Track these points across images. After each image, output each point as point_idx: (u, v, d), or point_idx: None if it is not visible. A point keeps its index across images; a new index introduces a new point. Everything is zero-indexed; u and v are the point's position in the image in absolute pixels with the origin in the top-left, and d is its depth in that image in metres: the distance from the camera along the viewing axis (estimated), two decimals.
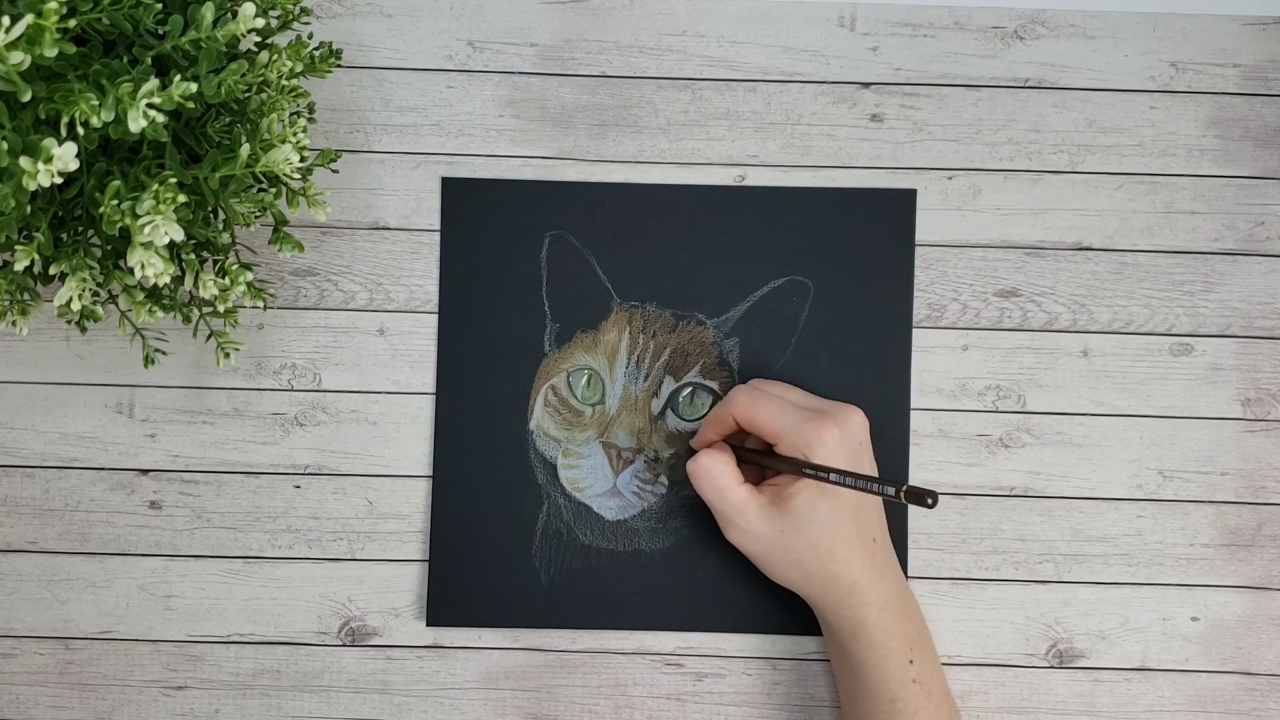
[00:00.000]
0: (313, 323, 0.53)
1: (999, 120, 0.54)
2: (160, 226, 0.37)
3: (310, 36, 0.45)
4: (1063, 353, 0.53)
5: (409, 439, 0.53)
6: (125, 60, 0.38)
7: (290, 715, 0.52)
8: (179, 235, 0.37)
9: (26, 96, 0.34)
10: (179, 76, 0.37)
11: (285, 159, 0.40)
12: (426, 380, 0.53)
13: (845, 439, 0.46)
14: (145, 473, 0.53)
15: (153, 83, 0.36)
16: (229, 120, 0.42)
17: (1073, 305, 0.53)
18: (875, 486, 0.42)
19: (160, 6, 0.38)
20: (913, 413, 0.53)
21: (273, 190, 0.44)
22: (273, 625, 0.52)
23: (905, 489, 0.40)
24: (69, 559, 0.52)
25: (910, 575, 0.53)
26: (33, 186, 0.34)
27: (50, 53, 0.34)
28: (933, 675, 0.48)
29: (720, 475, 0.47)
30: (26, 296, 0.44)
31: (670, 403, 0.53)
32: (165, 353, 0.51)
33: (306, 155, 0.43)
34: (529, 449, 0.53)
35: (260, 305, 0.47)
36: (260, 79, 0.42)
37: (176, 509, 0.53)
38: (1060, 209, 0.54)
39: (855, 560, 0.47)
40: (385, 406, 0.53)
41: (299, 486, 0.53)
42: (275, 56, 0.42)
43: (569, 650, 0.53)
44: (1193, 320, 0.54)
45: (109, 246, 0.43)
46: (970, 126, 0.54)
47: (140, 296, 0.44)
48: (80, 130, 0.36)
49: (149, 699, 0.52)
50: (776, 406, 0.47)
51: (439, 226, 0.53)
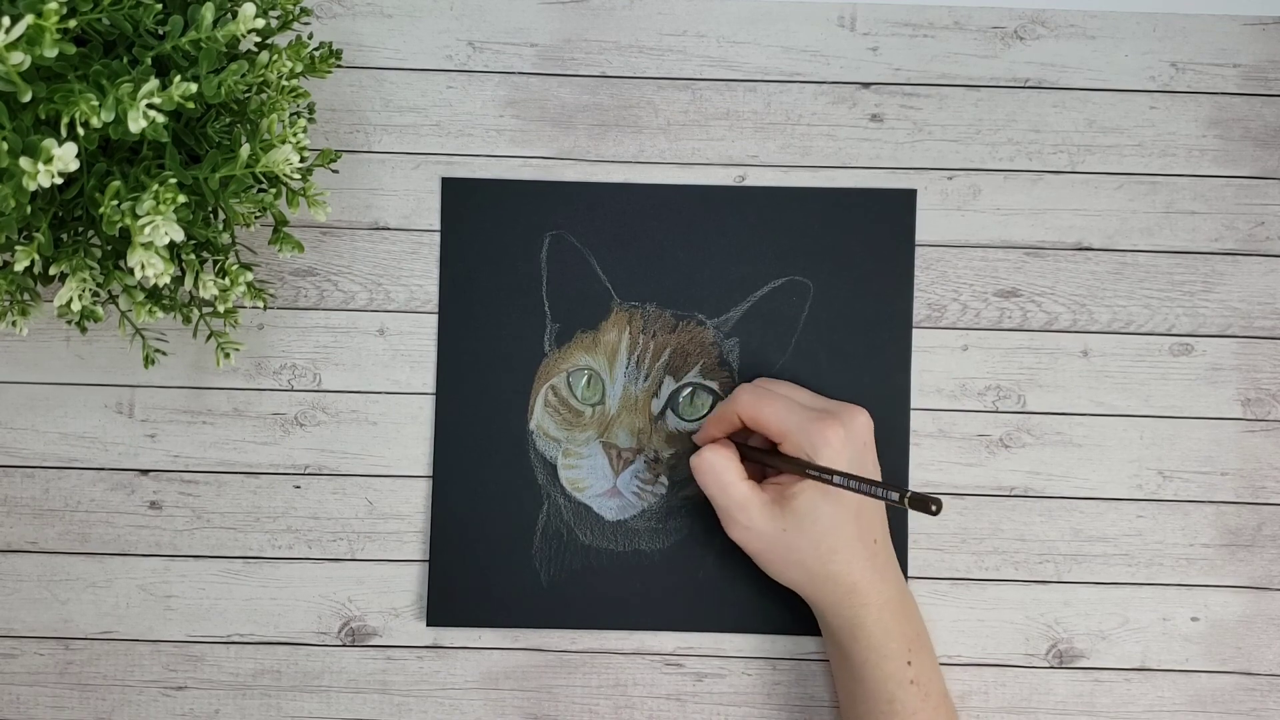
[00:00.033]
0: (313, 323, 0.53)
1: (999, 120, 0.54)
2: (160, 227, 0.37)
3: (310, 36, 0.45)
4: (1063, 353, 0.53)
5: (409, 439, 0.53)
6: (125, 60, 0.38)
7: (290, 715, 0.52)
8: (179, 235, 0.37)
9: (26, 97, 0.34)
10: (179, 77, 0.37)
11: (285, 159, 0.40)
12: (426, 380, 0.53)
13: (850, 440, 0.46)
14: (145, 473, 0.53)
15: (153, 83, 0.36)
16: (229, 120, 0.42)
17: (1073, 305, 0.53)
18: (879, 491, 0.42)
19: (160, 6, 0.38)
20: (913, 413, 0.53)
21: (273, 190, 0.44)
22: (273, 625, 0.52)
23: (909, 495, 0.39)
24: (69, 559, 0.52)
25: (910, 575, 0.53)
26: (33, 187, 0.34)
27: (50, 53, 0.34)
28: (931, 676, 0.48)
29: (724, 470, 0.47)
30: (26, 296, 0.44)
31: (670, 403, 0.53)
32: (165, 353, 0.51)
33: (306, 155, 0.43)
34: (529, 449, 0.53)
35: (260, 305, 0.47)
36: (260, 79, 0.42)
37: (176, 509, 0.53)
38: (1060, 209, 0.54)
39: (856, 561, 0.47)
40: (385, 406, 0.53)
41: (299, 486, 0.53)
42: (275, 57, 0.42)
43: (569, 650, 0.53)
44: (1193, 320, 0.54)
45: (109, 246, 0.43)
46: (970, 126, 0.54)
47: (140, 297, 0.44)
48: (80, 130, 0.36)
49: (149, 699, 0.52)
50: (782, 405, 0.47)
51: (439, 226, 0.53)
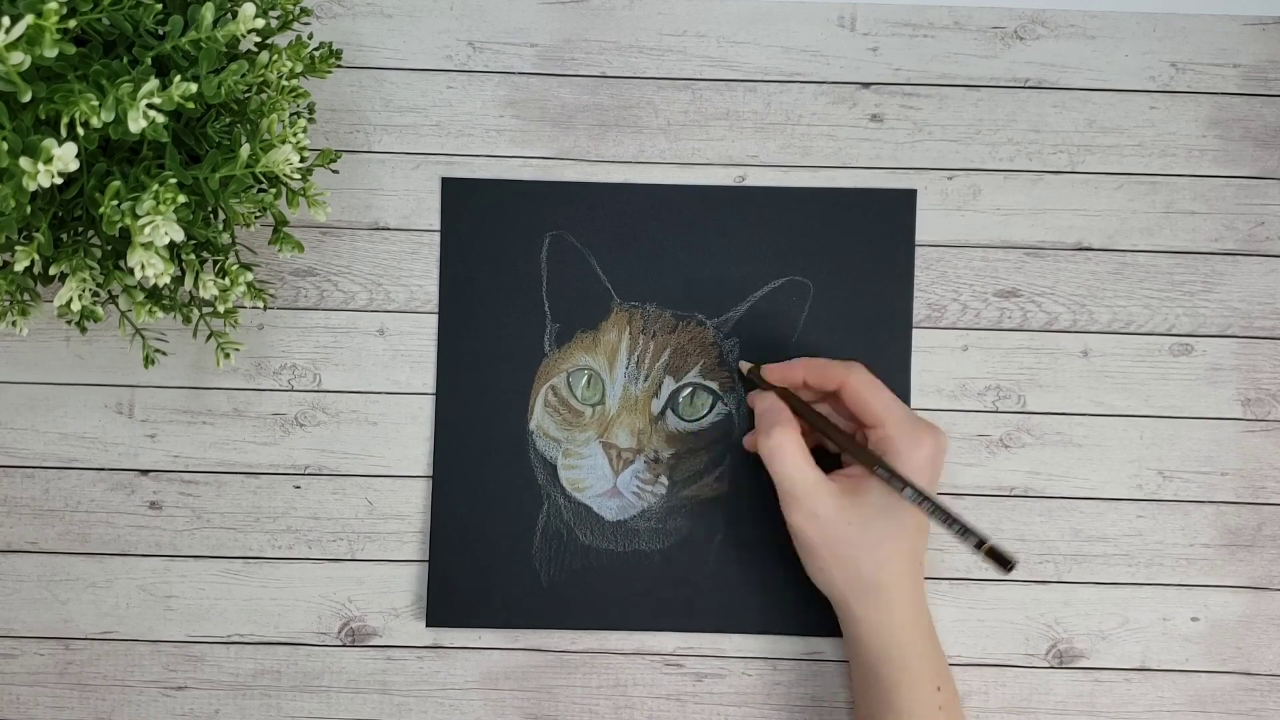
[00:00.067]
0: (313, 323, 0.53)
1: (999, 120, 0.54)
2: (160, 227, 0.37)
3: (310, 37, 0.45)
4: (1063, 353, 0.53)
5: (409, 439, 0.53)
6: (125, 60, 0.38)
7: (290, 715, 0.52)
8: (179, 235, 0.37)
9: (26, 97, 0.34)
10: (179, 77, 0.37)
11: (285, 159, 0.40)
12: (426, 380, 0.53)
13: (935, 457, 0.46)
14: (145, 473, 0.53)
15: (153, 83, 0.36)
16: (229, 120, 0.42)
17: (1073, 305, 0.53)
18: (957, 527, 0.40)
19: (160, 6, 0.38)
20: None
21: (273, 190, 0.44)
22: (273, 625, 0.52)
23: (987, 547, 0.38)
24: (69, 559, 0.52)
25: None
26: (33, 187, 0.34)
27: (50, 53, 0.34)
28: (955, 706, 0.47)
29: (796, 453, 0.46)
30: (26, 296, 0.44)
31: (670, 403, 0.53)
32: (165, 353, 0.51)
33: (306, 155, 0.43)
34: (529, 449, 0.53)
35: (260, 305, 0.47)
36: (260, 79, 0.42)
37: (176, 509, 0.52)
38: (1060, 209, 0.54)
39: (905, 577, 0.46)
40: (385, 407, 0.53)
41: (299, 487, 0.53)
42: (275, 57, 0.42)
43: (569, 650, 0.53)
44: (1193, 320, 0.54)
45: (109, 246, 0.43)
46: (970, 126, 0.54)
47: (140, 297, 0.44)
48: (80, 130, 0.36)
49: (149, 699, 0.52)
50: (889, 395, 0.47)
51: (439, 227, 0.53)
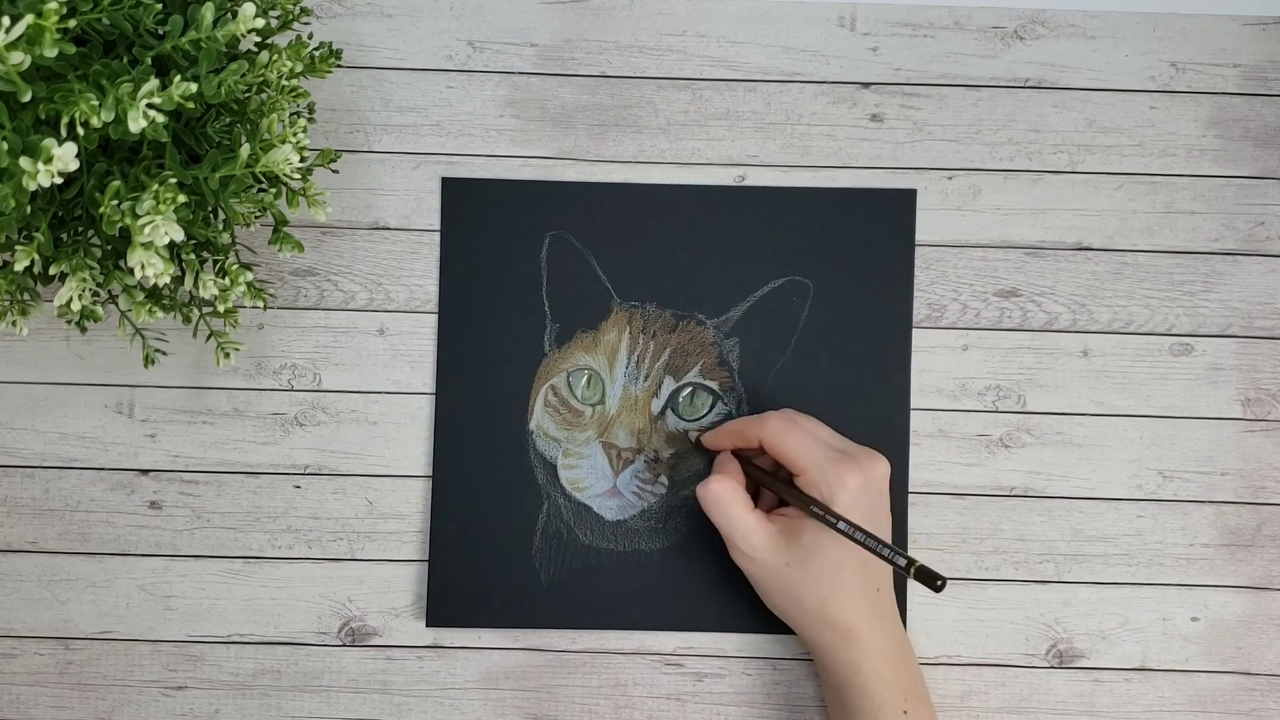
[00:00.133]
0: (313, 323, 0.53)
1: (999, 120, 0.54)
2: (160, 226, 0.37)
3: (310, 36, 0.45)
4: (1063, 353, 0.53)
5: (409, 439, 0.53)
6: (125, 60, 0.38)
7: (290, 715, 0.52)
8: (179, 235, 0.37)
9: (26, 96, 0.34)
10: (179, 76, 0.37)
11: (285, 159, 0.40)
12: (426, 380, 0.53)
13: (867, 487, 0.46)
14: (145, 473, 0.53)
15: (153, 83, 0.36)
16: (229, 120, 0.42)
17: (1073, 305, 0.53)
18: (886, 551, 0.41)
19: (160, 6, 0.38)
20: (913, 413, 0.53)
21: (273, 190, 0.44)
22: (273, 625, 0.52)
23: (916, 567, 0.39)
24: (69, 559, 0.52)
25: None
26: (33, 186, 0.34)
27: (50, 53, 0.34)
28: None
29: (730, 502, 0.47)
30: (26, 296, 0.44)
31: (670, 403, 0.53)
32: (165, 353, 0.51)
33: (306, 155, 0.43)
34: (529, 449, 0.53)
35: (260, 305, 0.47)
36: (260, 79, 0.42)
37: (176, 509, 0.53)
38: (1060, 209, 0.54)
39: (854, 607, 0.46)
40: (385, 406, 0.53)
41: (299, 486, 0.53)
42: (275, 56, 0.42)
43: (569, 650, 0.53)
44: (1193, 320, 0.54)
45: (109, 246, 0.43)
46: (970, 126, 0.54)
47: (140, 296, 0.44)
48: (80, 130, 0.36)
49: (149, 699, 0.52)
50: (808, 440, 0.47)
51: (439, 226, 0.53)
